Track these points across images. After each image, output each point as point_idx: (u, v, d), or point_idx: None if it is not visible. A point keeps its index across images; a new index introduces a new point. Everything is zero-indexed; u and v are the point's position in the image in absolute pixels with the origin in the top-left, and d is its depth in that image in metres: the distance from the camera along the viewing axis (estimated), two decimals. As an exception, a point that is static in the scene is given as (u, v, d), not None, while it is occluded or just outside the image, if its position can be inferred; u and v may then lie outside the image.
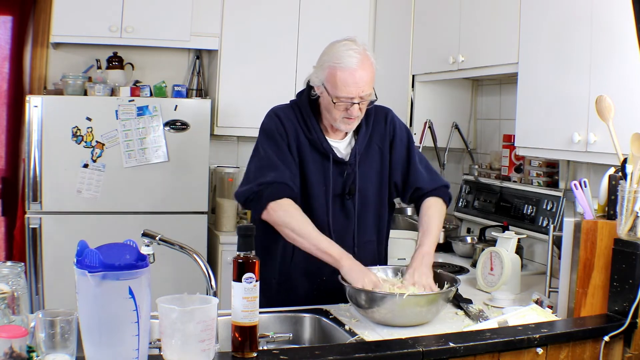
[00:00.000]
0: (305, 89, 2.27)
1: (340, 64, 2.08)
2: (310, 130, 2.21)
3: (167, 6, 3.78)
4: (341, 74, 2.07)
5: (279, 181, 2.12)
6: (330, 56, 2.12)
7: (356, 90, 2.08)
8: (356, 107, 2.11)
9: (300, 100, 2.27)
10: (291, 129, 2.21)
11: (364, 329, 1.87)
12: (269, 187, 2.11)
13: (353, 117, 2.14)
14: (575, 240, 1.95)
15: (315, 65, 2.20)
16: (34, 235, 3.51)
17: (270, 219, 2.13)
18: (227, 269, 3.67)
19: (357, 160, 2.24)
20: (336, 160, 2.22)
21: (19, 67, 3.84)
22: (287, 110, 2.27)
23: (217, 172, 4.10)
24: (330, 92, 2.11)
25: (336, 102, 2.11)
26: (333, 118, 2.16)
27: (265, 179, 2.12)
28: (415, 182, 2.30)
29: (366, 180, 2.26)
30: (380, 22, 4.14)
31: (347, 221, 2.24)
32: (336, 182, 2.22)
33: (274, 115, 2.25)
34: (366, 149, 2.26)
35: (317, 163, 2.22)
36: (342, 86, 2.08)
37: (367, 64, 2.10)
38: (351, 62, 2.07)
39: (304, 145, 2.21)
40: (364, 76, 2.08)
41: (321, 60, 2.17)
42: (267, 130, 2.24)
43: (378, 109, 2.32)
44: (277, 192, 2.11)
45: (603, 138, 2.29)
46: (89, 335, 1.30)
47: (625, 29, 2.21)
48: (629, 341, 1.81)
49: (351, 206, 2.25)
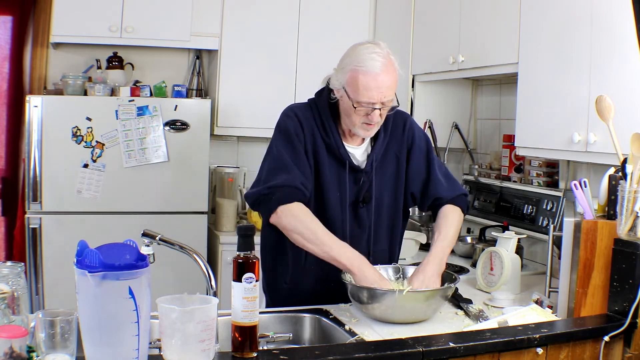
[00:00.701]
0: (325, 89, 2.18)
1: (362, 67, 2.00)
2: (328, 133, 2.14)
3: (167, 6, 3.78)
4: (363, 77, 2.00)
5: (289, 184, 2.05)
6: (352, 59, 2.05)
7: (378, 96, 2.01)
8: (377, 113, 2.04)
9: (319, 101, 2.19)
10: (309, 130, 2.14)
11: (364, 329, 1.87)
12: (279, 190, 2.05)
13: (373, 122, 2.06)
14: (575, 240, 1.95)
15: (336, 68, 2.12)
16: (34, 235, 3.51)
17: (279, 223, 2.06)
18: (227, 269, 3.67)
19: (373, 168, 2.18)
20: (352, 167, 2.16)
21: (19, 67, 3.84)
22: (305, 110, 2.19)
23: (217, 172, 4.10)
24: (351, 96, 2.04)
25: (357, 106, 2.03)
26: (352, 123, 2.09)
27: (276, 182, 2.06)
28: (436, 192, 2.24)
29: (382, 188, 2.21)
30: (380, 22, 4.14)
31: (360, 230, 2.20)
32: (351, 189, 2.17)
33: (292, 115, 2.17)
34: (383, 156, 2.21)
35: (332, 169, 2.16)
36: (363, 91, 2.00)
37: (390, 69, 2.03)
38: (374, 66, 2.00)
39: (320, 149, 2.15)
40: (386, 81, 2.01)
41: (343, 63, 2.09)
42: (283, 129, 2.16)
43: (397, 115, 2.23)
44: (287, 196, 2.04)
45: (603, 138, 2.29)
46: (89, 335, 1.30)
47: (625, 29, 2.21)
48: (629, 341, 1.81)
49: (365, 215, 2.19)
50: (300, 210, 2.05)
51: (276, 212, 2.05)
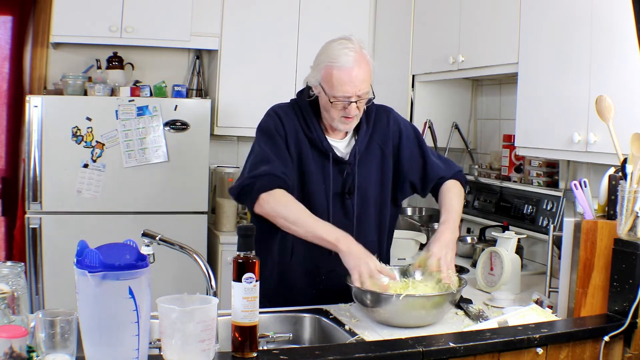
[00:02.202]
0: (305, 88, 2.26)
1: (336, 63, 2.07)
2: (310, 128, 2.21)
3: (167, 6, 3.78)
4: (337, 73, 2.07)
5: (269, 173, 2.10)
6: (326, 55, 2.12)
7: (353, 89, 2.08)
8: (354, 106, 2.11)
9: (300, 99, 2.26)
10: (291, 127, 2.21)
11: (364, 329, 1.87)
12: (260, 178, 2.10)
13: (351, 116, 2.13)
14: (575, 240, 1.95)
15: (312, 65, 2.20)
16: (34, 235, 3.51)
17: (263, 210, 2.11)
18: (227, 269, 3.67)
19: (356, 160, 2.23)
20: (336, 159, 2.21)
21: (19, 67, 3.84)
22: (287, 108, 2.26)
23: (217, 172, 4.10)
24: (327, 91, 2.11)
25: (333, 101, 2.10)
26: (331, 117, 2.16)
27: (257, 171, 2.12)
28: (436, 174, 2.31)
29: (366, 179, 2.26)
30: (380, 22, 4.14)
31: (346, 220, 2.23)
32: (336, 181, 2.22)
33: (273, 114, 2.25)
34: (366, 148, 2.26)
35: (316, 162, 2.21)
36: (338, 85, 2.07)
37: (363, 62, 2.09)
38: (347, 61, 2.07)
39: (303, 144, 2.21)
40: (360, 74, 2.08)
41: (317, 60, 2.16)
42: (264, 128, 2.23)
43: (379, 109, 2.31)
44: (268, 184, 2.10)
45: (603, 138, 2.29)
46: (89, 335, 1.30)
47: (625, 29, 2.21)
48: (629, 341, 1.81)
49: (350, 205, 2.24)
50: (282, 195, 2.10)
51: (259, 200, 2.10)
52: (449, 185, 2.31)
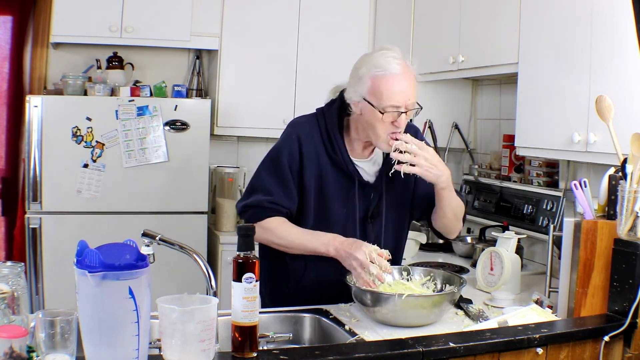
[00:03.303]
0: (337, 100, 2.12)
1: (383, 71, 1.95)
2: (335, 149, 2.08)
3: (167, 6, 3.78)
4: (386, 81, 1.95)
5: (258, 205, 2.09)
6: (371, 65, 1.98)
7: (403, 98, 1.96)
8: (404, 117, 1.98)
9: (329, 113, 2.12)
10: (311, 151, 2.09)
11: (364, 329, 1.87)
12: (250, 209, 2.11)
13: (400, 129, 1.99)
14: (575, 240, 1.95)
15: (350, 80, 2.05)
16: (34, 235, 3.51)
17: (258, 239, 2.08)
18: (227, 269, 3.67)
19: (383, 183, 2.15)
20: (361, 182, 2.12)
21: (19, 67, 3.84)
22: (310, 125, 2.13)
23: (217, 172, 4.10)
24: (375, 104, 1.96)
25: (384, 113, 1.95)
26: (376, 136, 2.01)
27: (249, 201, 2.12)
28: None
29: (390, 204, 2.17)
30: (380, 22, 4.14)
31: None
32: (360, 205, 2.13)
33: (294, 135, 2.11)
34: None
35: (339, 185, 2.11)
36: (389, 94, 1.94)
37: (409, 71, 2.00)
38: (395, 69, 1.96)
39: (325, 167, 2.10)
40: (409, 83, 1.98)
41: (359, 73, 2.01)
42: (275, 155, 2.13)
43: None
44: (256, 215, 2.09)
45: (603, 138, 2.29)
46: (89, 335, 1.30)
47: (625, 29, 2.21)
48: (629, 341, 1.81)
49: (371, 230, 2.15)
50: (270, 223, 2.09)
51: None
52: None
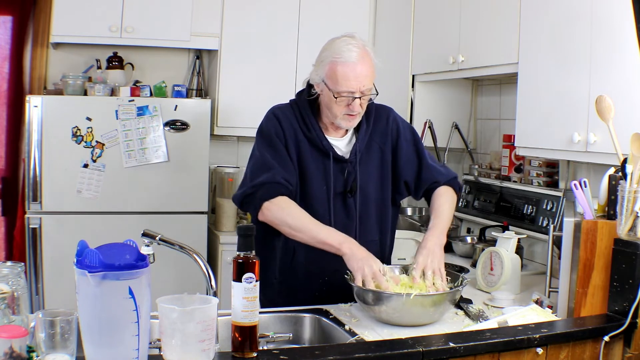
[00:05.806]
0: (305, 88, 2.27)
1: (340, 58, 2.09)
2: (310, 128, 2.21)
3: (167, 6, 3.78)
4: (342, 68, 2.08)
5: (271, 181, 2.12)
6: (330, 52, 2.13)
7: (357, 85, 2.09)
8: (357, 102, 2.11)
9: (300, 100, 2.27)
10: (289, 128, 2.21)
11: (364, 329, 1.87)
12: (262, 187, 2.12)
13: (355, 112, 2.14)
14: (575, 240, 1.95)
15: (314, 63, 2.20)
16: (34, 235, 3.51)
17: (266, 219, 2.13)
18: (227, 269, 3.67)
19: (357, 158, 2.23)
20: (336, 158, 2.21)
21: (19, 67, 3.84)
22: (286, 109, 2.27)
23: (217, 172, 4.10)
24: (331, 87, 2.11)
25: (337, 97, 2.10)
26: (334, 115, 2.16)
27: (259, 180, 2.13)
28: (430, 177, 2.31)
29: (367, 178, 2.26)
30: (380, 22, 4.14)
31: (348, 220, 2.23)
32: (337, 180, 2.22)
33: (272, 116, 2.25)
34: (367, 147, 2.26)
35: (317, 161, 2.21)
36: (342, 81, 2.08)
37: (366, 59, 2.11)
38: (351, 57, 2.08)
39: (303, 144, 2.21)
40: (364, 70, 2.09)
41: (321, 57, 2.17)
42: (264, 131, 2.24)
43: (379, 108, 2.31)
44: (269, 192, 2.11)
45: (603, 138, 2.30)
46: (89, 335, 1.30)
47: (625, 28, 2.21)
48: (629, 341, 1.81)
49: (352, 204, 2.24)
50: (284, 202, 2.12)
51: (262, 209, 2.12)
52: (441, 191, 2.31)
